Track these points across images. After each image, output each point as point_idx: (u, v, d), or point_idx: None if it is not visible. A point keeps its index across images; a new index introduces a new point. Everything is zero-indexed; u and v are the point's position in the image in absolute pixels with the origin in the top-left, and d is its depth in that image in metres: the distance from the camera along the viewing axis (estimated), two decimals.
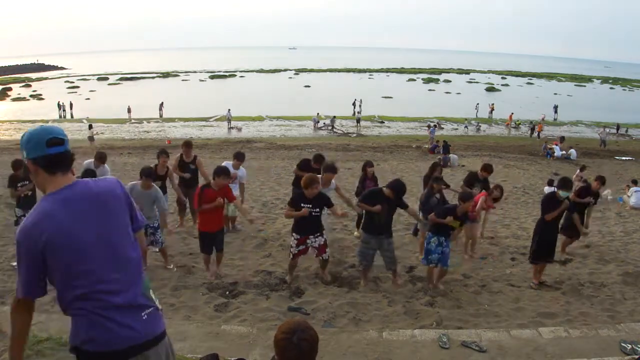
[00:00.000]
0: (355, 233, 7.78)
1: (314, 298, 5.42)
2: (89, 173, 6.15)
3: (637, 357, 3.91)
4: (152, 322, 1.87)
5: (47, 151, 1.82)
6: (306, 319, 4.17)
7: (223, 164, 7.16)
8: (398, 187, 5.69)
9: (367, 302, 5.37)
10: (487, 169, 7.59)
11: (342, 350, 4.10)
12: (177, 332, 4.32)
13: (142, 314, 1.84)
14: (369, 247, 5.78)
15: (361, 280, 5.92)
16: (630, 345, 4.23)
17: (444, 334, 4.37)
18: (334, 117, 31.64)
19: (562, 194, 5.88)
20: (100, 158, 7.07)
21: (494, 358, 4.07)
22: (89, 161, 7.09)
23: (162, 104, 36.95)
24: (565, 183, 5.96)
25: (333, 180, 6.55)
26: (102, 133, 28.15)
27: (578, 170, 15.94)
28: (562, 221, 6.49)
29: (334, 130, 30.94)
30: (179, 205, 7.87)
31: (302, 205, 5.53)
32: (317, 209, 5.57)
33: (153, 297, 1.92)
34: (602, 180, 7.71)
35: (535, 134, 30.70)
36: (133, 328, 1.81)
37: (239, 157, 7.56)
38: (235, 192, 7.26)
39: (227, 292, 5.52)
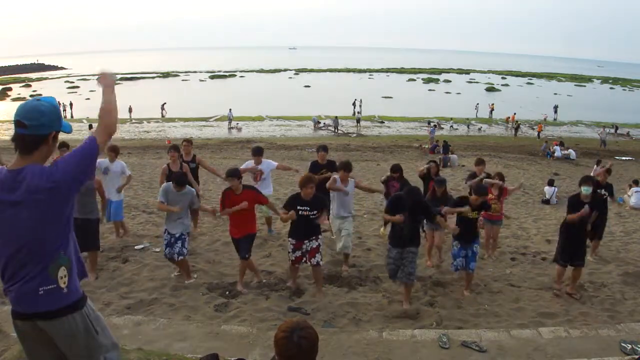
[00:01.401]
0: (382, 230, 7.64)
1: (314, 298, 5.42)
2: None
3: (637, 357, 3.91)
4: (46, 298, 1.98)
5: (16, 130, 1.97)
6: (306, 319, 4.17)
7: (245, 164, 7.19)
8: (413, 195, 5.28)
9: (367, 302, 5.37)
10: (479, 163, 7.37)
11: (342, 350, 4.10)
12: (177, 332, 4.32)
13: (40, 289, 1.96)
14: (390, 262, 5.33)
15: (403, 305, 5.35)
16: (630, 345, 4.23)
17: (444, 334, 4.37)
18: (336, 117, 31.48)
19: (584, 190, 5.63)
20: (114, 150, 6.88)
21: (494, 358, 4.07)
22: (104, 160, 6.88)
23: (164, 104, 37.03)
24: (587, 179, 5.75)
25: (351, 179, 6.27)
26: None
27: (595, 166, 15.75)
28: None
29: (336, 131, 30.80)
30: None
31: (298, 207, 5.23)
32: (315, 212, 5.27)
33: (59, 275, 2.00)
34: (608, 172, 7.48)
35: (520, 134, 30.95)
36: (18, 298, 1.99)
37: (256, 153, 7.24)
38: (268, 189, 7.22)
39: (227, 292, 5.51)
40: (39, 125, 1.94)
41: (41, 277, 1.97)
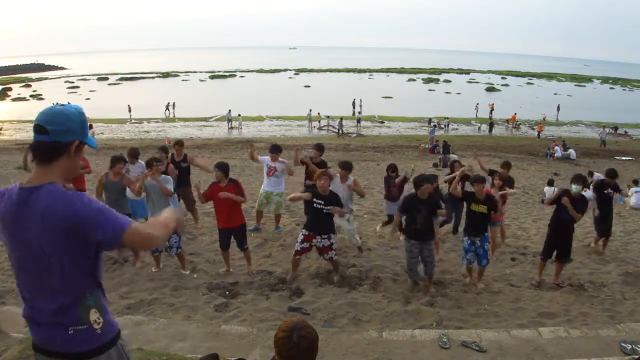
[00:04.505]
0: (377, 228, 8.00)
1: (314, 298, 5.42)
2: (116, 159, 6.03)
3: (637, 357, 3.91)
4: (78, 338, 1.76)
5: (35, 137, 1.68)
6: (306, 319, 4.17)
7: (261, 159, 7.39)
8: (420, 182, 5.56)
9: (367, 302, 5.37)
10: (506, 165, 7.38)
11: (342, 350, 4.09)
12: (177, 332, 4.32)
13: (70, 329, 1.74)
14: (412, 255, 5.59)
15: (412, 290, 5.76)
16: (630, 345, 4.23)
17: (444, 334, 4.37)
18: (341, 119, 30.69)
19: (574, 188, 5.92)
20: (133, 154, 7.05)
21: (494, 358, 4.06)
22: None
23: (173, 104, 37.08)
24: (578, 177, 6.04)
25: (350, 176, 6.60)
26: (102, 133, 28.14)
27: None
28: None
29: (339, 133, 30.26)
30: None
31: (313, 200, 5.62)
32: (328, 207, 5.60)
33: (91, 318, 1.78)
34: (611, 173, 7.48)
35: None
36: (40, 334, 1.78)
37: (273, 150, 7.31)
38: (280, 187, 7.45)
39: (227, 292, 5.52)
40: (63, 130, 1.65)
41: (68, 317, 1.73)
